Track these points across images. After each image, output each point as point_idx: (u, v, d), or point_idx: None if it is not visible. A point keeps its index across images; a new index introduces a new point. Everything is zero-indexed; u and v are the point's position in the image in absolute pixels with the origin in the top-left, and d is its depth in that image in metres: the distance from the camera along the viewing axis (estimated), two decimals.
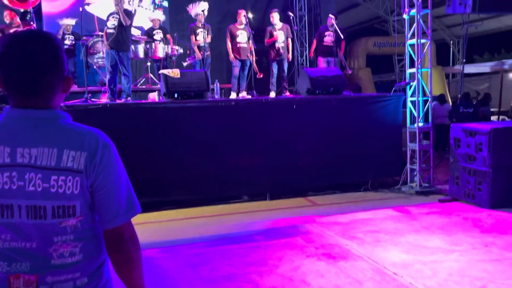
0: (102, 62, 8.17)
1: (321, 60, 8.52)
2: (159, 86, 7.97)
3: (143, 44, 8.26)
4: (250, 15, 7.69)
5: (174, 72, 6.29)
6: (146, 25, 8.99)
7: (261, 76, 7.82)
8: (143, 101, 7.14)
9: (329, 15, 8.43)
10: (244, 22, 7.61)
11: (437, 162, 6.88)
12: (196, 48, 7.73)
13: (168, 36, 8.67)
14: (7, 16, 6.80)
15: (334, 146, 6.62)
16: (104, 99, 6.86)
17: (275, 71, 7.94)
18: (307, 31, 10.29)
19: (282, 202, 6.21)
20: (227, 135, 6.18)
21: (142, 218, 5.11)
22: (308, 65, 10.12)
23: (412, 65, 6.81)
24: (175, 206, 5.98)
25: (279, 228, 4.99)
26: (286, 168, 6.41)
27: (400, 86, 6.93)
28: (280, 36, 7.74)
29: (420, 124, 6.63)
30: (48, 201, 1.22)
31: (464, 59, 7.59)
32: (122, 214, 1.31)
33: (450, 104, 11.40)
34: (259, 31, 8.05)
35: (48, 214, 1.22)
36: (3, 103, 5.19)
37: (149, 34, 8.58)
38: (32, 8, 6.89)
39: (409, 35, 6.74)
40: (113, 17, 6.50)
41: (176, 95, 6.25)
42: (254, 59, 7.65)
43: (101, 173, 1.27)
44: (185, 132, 6.00)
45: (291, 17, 8.23)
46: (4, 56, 1.24)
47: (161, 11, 9.41)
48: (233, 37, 7.65)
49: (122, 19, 6.36)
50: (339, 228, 4.89)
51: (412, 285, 3.46)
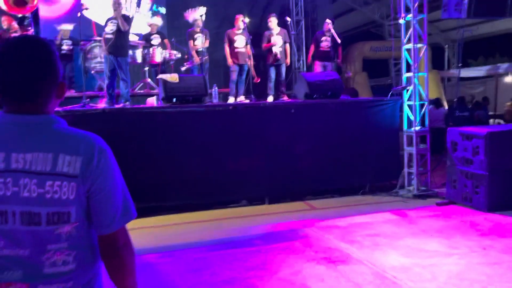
0: (100, 67, 8.19)
1: (317, 65, 8.57)
2: (157, 91, 7.99)
3: (141, 49, 8.28)
4: (247, 20, 7.72)
5: (173, 77, 6.31)
6: (144, 31, 9.01)
7: (259, 80, 7.85)
8: (141, 106, 7.14)
9: (326, 20, 8.49)
10: (242, 27, 7.65)
11: (433, 166, 6.91)
12: (194, 53, 7.76)
13: (166, 41, 8.69)
14: (4, 22, 6.80)
15: (332, 150, 6.64)
16: (102, 104, 6.86)
17: (272, 75, 7.97)
18: (304, 36, 10.35)
19: (280, 206, 6.22)
20: (225, 140, 6.19)
21: (141, 223, 5.12)
22: (305, 70, 10.17)
23: (408, 70, 6.86)
24: (174, 210, 5.96)
25: (278, 232, 5.00)
26: (284, 172, 6.42)
27: (397, 90, 6.98)
28: (278, 41, 7.78)
29: (417, 128, 6.68)
30: (43, 207, 1.20)
31: (460, 63, 7.66)
32: (118, 220, 1.30)
33: (446, 108, 11.48)
34: (257, 36, 8.09)
35: (42, 221, 1.21)
36: None
37: (147, 39, 8.60)
38: (30, 13, 6.88)
39: (405, 40, 6.80)
40: (111, 23, 6.52)
41: (174, 100, 6.27)
42: (252, 63, 7.68)
43: (98, 178, 1.25)
44: (184, 137, 6.01)
45: (288, 22, 8.28)
46: None
47: (159, 18, 9.44)
48: (231, 42, 7.68)
49: (120, 24, 6.37)
50: (338, 232, 4.91)
51: None
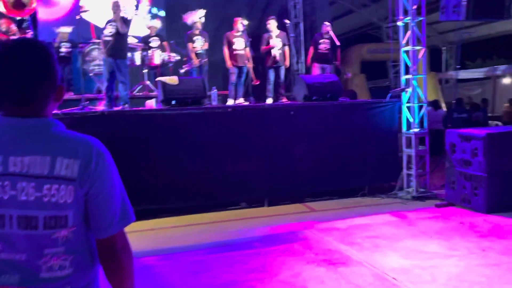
0: (98, 70, 8.19)
1: (316, 67, 8.58)
2: (155, 93, 8.00)
3: (140, 51, 8.29)
4: (246, 22, 7.74)
5: (172, 79, 6.31)
6: (143, 34, 9.00)
7: (258, 83, 7.86)
8: (140, 108, 7.14)
9: (324, 22, 8.51)
10: (241, 29, 7.66)
11: (432, 168, 6.93)
12: (193, 55, 7.77)
13: (165, 43, 8.70)
14: (3, 24, 6.79)
15: (331, 152, 6.65)
16: (101, 107, 6.86)
17: (272, 78, 7.98)
18: (302, 38, 10.36)
19: (280, 208, 6.21)
20: (224, 142, 6.19)
21: (140, 225, 5.11)
22: (304, 72, 10.18)
23: (407, 72, 6.88)
24: (173, 213, 5.95)
25: (278, 234, 5.00)
26: (283, 174, 6.42)
27: (395, 92, 7.00)
28: (277, 43, 7.79)
29: (416, 130, 6.69)
30: (40, 211, 1.19)
31: (458, 65, 7.68)
32: (116, 223, 1.29)
33: (444, 110, 11.51)
34: (255, 38, 8.10)
35: (39, 225, 1.20)
36: None
37: (145, 41, 8.60)
38: (29, 16, 6.88)
39: (404, 42, 6.82)
40: (110, 25, 6.52)
41: (173, 102, 6.26)
42: (251, 66, 7.69)
43: (96, 181, 1.24)
44: (183, 139, 6.01)
45: (288, 25, 8.30)
46: None
47: (158, 20, 9.45)
48: (230, 44, 7.69)
49: (119, 26, 6.38)
50: (338, 233, 4.91)
51: None
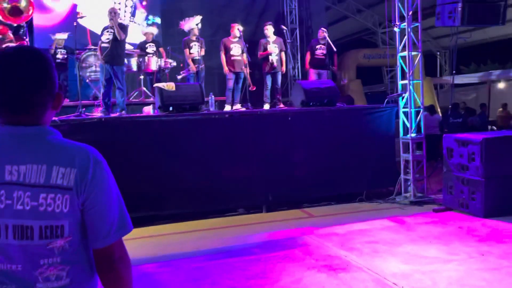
0: (95, 76, 8.17)
1: (312, 73, 8.60)
2: (152, 99, 7.98)
3: (136, 58, 8.28)
4: (241, 28, 7.75)
5: (169, 85, 6.30)
6: (138, 41, 8.99)
7: (254, 88, 7.86)
8: (138, 114, 7.12)
9: (321, 28, 8.55)
10: (237, 35, 7.68)
11: (429, 172, 6.95)
12: (190, 61, 7.77)
13: (161, 49, 8.69)
14: None
15: (329, 157, 6.66)
16: (97, 113, 6.83)
17: (269, 83, 8.00)
18: (298, 44, 10.40)
19: (278, 214, 6.20)
20: (222, 148, 6.18)
21: (138, 232, 5.07)
22: (300, 78, 10.21)
23: (403, 77, 6.91)
24: (170, 220, 5.93)
25: (277, 240, 4.99)
26: (281, 180, 6.41)
27: (392, 98, 7.03)
28: (274, 49, 7.82)
29: (413, 135, 6.72)
30: (36, 220, 1.18)
31: (454, 71, 7.75)
32: (113, 233, 1.27)
33: (440, 115, 11.57)
34: (251, 44, 8.12)
35: (35, 235, 1.18)
36: None
37: (142, 47, 8.59)
38: (25, 22, 6.86)
39: (400, 48, 6.86)
40: (107, 32, 6.51)
41: (171, 108, 6.25)
42: (248, 72, 7.70)
43: (93, 190, 1.23)
44: (180, 145, 5.99)
45: (284, 31, 8.33)
46: None
47: (154, 27, 9.46)
48: (227, 50, 7.70)
49: (116, 33, 6.37)
50: (337, 239, 4.91)
51: None
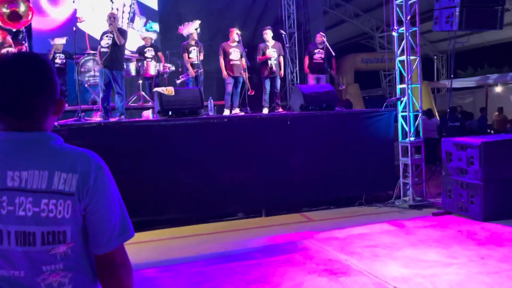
0: (93, 81, 8.17)
1: (310, 77, 8.61)
2: (150, 103, 7.99)
3: (135, 62, 8.27)
4: (239, 32, 7.77)
5: (168, 90, 6.31)
6: (136, 47, 8.96)
7: (253, 93, 7.88)
8: (137, 119, 7.12)
9: (319, 32, 8.58)
10: (236, 39, 7.69)
11: (427, 176, 6.96)
12: (189, 65, 7.78)
13: (160, 54, 8.70)
14: None
15: (328, 161, 6.67)
16: (96, 118, 6.83)
17: (268, 88, 8.02)
18: (297, 48, 10.44)
19: (277, 218, 6.20)
20: (221, 152, 6.18)
21: (137, 237, 4.99)
22: (298, 82, 10.24)
23: (401, 81, 6.94)
24: (169, 224, 5.93)
25: (277, 244, 4.99)
26: (280, 184, 6.42)
27: (391, 102, 7.05)
28: (272, 53, 7.84)
29: (412, 139, 6.74)
30: (38, 226, 1.18)
31: (452, 74, 7.79)
32: (115, 239, 1.26)
33: (438, 119, 11.62)
34: (249, 48, 8.14)
35: (37, 241, 1.18)
36: None
37: (140, 52, 8.60)
38: (24, 27, 6.86)
39: (398, 52, 6.90)
40: (107, 36, 6.52)
41: (170, 113, 6.26)
42: (246, 76, 7.72)
43: (95, 195, 1.22)
44: (180, 150, 5.99)
45: (283, 35, 8.35)
46: None
47: (153, 32, 9.48)
48: (226, 55, 7.71)
49: (116, 38, 6.38)
50: (337, 243, 4.91)
51: None
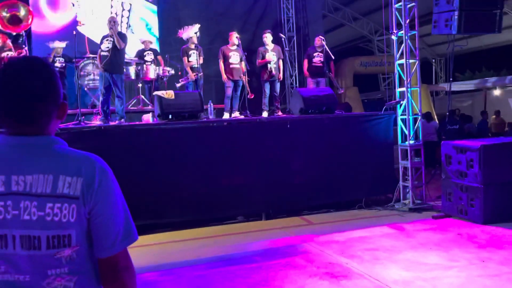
0: (93, 84, 8.19)
1: (310, 81, 8.61)
2: (150, 107, 8.00)
3: (134, 66, 8.30)
4: (239, 36, 7.79)
5: (169, 94, 6.31)
6: (134, 51, 8.97)
7: (253, 96, 7.89)
8: (137, 122, 7.12)
9: (319, 36, 8.60)
10: (236, 43, 7.71)
11: (427, 179, 6.97)
12: (189, 69, 7.79)
13: (159, 57, 8.72)
14: None
15: (327, 164, 6.67)
16: (96, 121, 6.83)
17: (267, 91, 8.03)
18: (296, 51, 10.47)
19: (277, 222, 6.20)
20: (221, 156, 6.18)
21: (137, 241, 5.02)
22: (297, 85, 10.26)
23: (401, 84, 6.96)
24: (169, 228, 5.91)
25: (278, 248, 4.98)
26: (280, 188, 6.41)
27: (390, 105, 7.07)
28: (272, 57, 7.86)
29: (411, 142, 6.75)
30: (43, 230, 1.18)
31: (451, 78, 7.81)
32: (119, 242, 1.26)
33: (437, 122, 11.65)
34: (248, 52, 8.16)
35: (42, 245, 1.18)
36: None
37: (140, 55, 8.62)
38: (24, 31, 6.87)
39: (398, 55, 6.92)
40: (107, 40, 6.53)
41: (170, 116, 6.26)
42: (246, 80, 7.73)
43: (99, 199, 1.23)
44: (180, 153, 5.99)
45: (282, 39, 8.38)
46: None
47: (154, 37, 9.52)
48: (226, 58, 7.72)
49: (116, 42, 6.39)
50: (337, 246, 4.91)
51: None
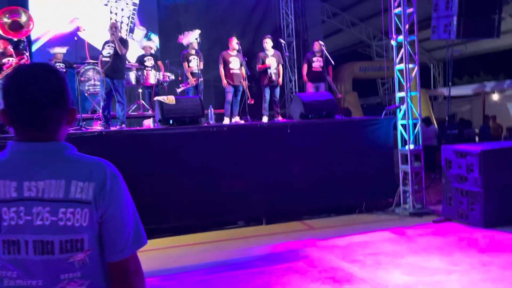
0: (93, 90, 8.19)
1: (310, 86, 8.63)
2: (150, 112, 8.01)
3: (135, 71, 8.31)
4: (238, 41, 7.83)
5: (169, 99, 6.34)
6: (135, 57, 8.99)
7: (253, 101, 7.92)
8: (138, 128, 7.14)
9: (318, 41, 8.63)
10: (236, 48, 7.74)
11: (427, 184, 6.99)
12: (189, 74, 7.82)
13: (160, 62, 8.74)
14: (0, 45, 6.79)
15: (328, 169, 6.68)
16: (97, 126, 6.84)
17: (267, 96, 8.05)
18: (295, 56, 10.51)
19: (278, 227, 6.20)
20: (221, 161, 6.19)
21: None
22: (297, 90, 10.29)
23: (400, 89, 6.99)
24: (170, 233, 5.92)
25: (279, 252, 4.99)
26: (281, 192, 6.42)
27: (390, 110, 7.10)
28: (272, 62, 7.90)
29: (411, 146, 6.77)
30: (56, 235, 1.19)
31: (450, 82, 7.85)
32: (129, 246, 1.28)
33: (436, 126, 11.68)
34: (248, 57, 8.19)
35: (55, 249, 1.19)
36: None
37: (140, 61, 8.64)
38: (25, 37, 6.90)
39: (397, 60, 6.96)
40: (108, 46, 6.55)
41: (171, 121, 6.28)
42: (246, 85, 7.76)
43: (110, 204, 1.25)
44: (180, 158, 6.00)
45: (282, 44, 8.42)
46: (8, 90, 1.23)
47: (153, 41, 9.54)
48: (226, 63, 7.75)
49: (117, 47, 6.41)
50: (339, 251, 4.91)
51: None
